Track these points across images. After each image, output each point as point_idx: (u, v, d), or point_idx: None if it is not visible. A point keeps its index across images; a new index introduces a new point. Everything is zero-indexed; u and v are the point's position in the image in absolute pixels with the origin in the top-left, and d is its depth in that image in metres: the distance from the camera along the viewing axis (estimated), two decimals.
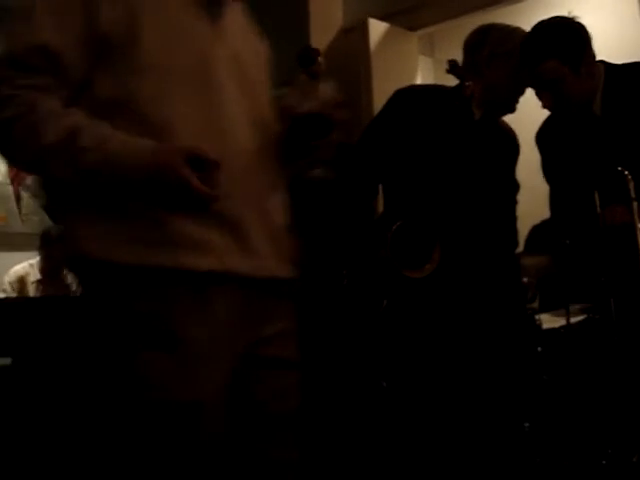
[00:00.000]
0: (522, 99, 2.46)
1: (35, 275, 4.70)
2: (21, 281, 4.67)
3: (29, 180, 5.64)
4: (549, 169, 2.48)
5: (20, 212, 5.58)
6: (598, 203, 2.17)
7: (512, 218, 2.49)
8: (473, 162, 2.30)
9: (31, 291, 4.66)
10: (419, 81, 4.63)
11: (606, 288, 2.15)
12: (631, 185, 2.08)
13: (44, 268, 4.70)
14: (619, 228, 2.09)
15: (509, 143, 2.51)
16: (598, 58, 2.36)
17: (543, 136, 2.49)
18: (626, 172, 2.08)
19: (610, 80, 2.29)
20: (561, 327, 2.79)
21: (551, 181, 2.50)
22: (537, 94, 2.36)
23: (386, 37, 4.48)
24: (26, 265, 4.73)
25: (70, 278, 4.76)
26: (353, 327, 2.61)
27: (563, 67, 2.24)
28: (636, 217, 2.05)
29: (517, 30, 2.40)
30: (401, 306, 2.27)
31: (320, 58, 3.63)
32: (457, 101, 2.26)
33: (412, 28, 4.59)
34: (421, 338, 2.26)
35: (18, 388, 3.13)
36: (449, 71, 2.27)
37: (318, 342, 3.17)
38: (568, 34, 2.26)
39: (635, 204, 2.06)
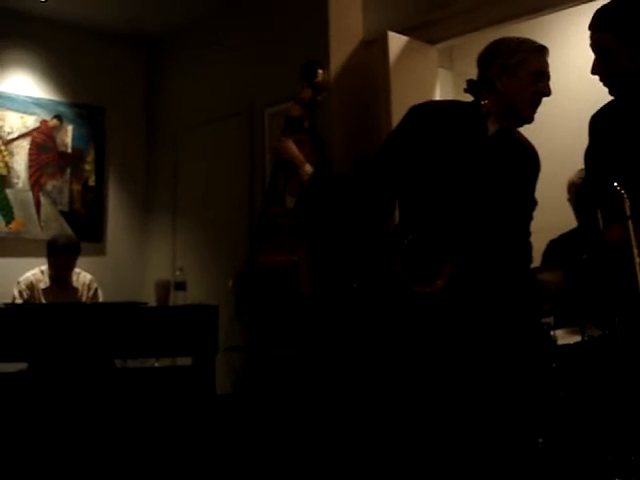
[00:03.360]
0: (541, 117, 2.45)
1: (45, 282, 4.74)
2: (31, 288, 4.70)
3: (49, 187, 5.70)
4: (590, 156, 2.41)
5: (39, 219, 5.63)
6: (601, 221, 2.15)
7: (526, 234, 2.48)
8: (486, 177, 2.29)
9: (41, 298, 4.69)
10: (438, 94, 4.63)
11: (609, 306, 2.13)
12: (627, 203, 2.05)
13: (52, 275, 4.73)
14: (616, 246, 2.06)
15: (528, 159, 2.49)
16: None
17: (596, 120, 2.42)
18: (622, 190, 2.05)
19: None
20: (576, 343, 2.78)
21: (588, 170, 2.42)
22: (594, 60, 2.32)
23: (405, 50, 4.48)
24: (37, 272, 4.77)
25: (79, 285, 4.79)
26: (362, 337, 2.60)
27: (618, 44, 2.20)
28: (632, 235, 2.02)
29: (527, 42, 2.40)
30: (412, 321, 2.26)
31: (321, 71, 3.63)
32: (472, 117, 2.26)
33: (432, 41, 4.59)
34: (434, 352, 2.25)
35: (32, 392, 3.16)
36: (466, 90, 2.27)
37: (329, 348, 3.17)
38: None
39: (630, 223, 2.03)
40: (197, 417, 3.47)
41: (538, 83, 2.38)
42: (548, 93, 2.40)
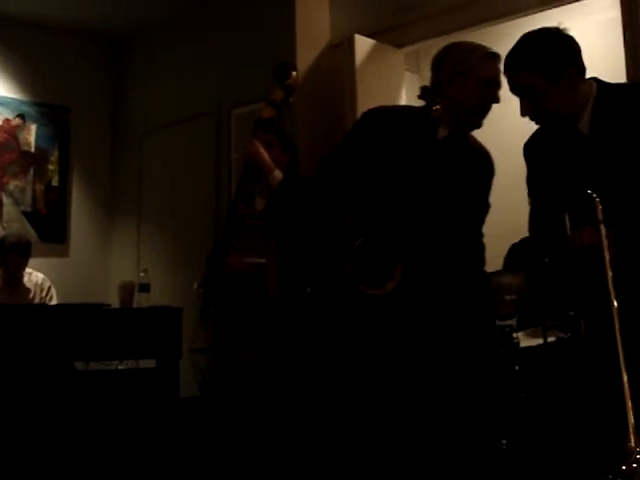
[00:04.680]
0: (503, 119, 2.47)
1: None
2: None
3: (11, 186, 5.62)
4: (532, 182, 2.46)
5: (1, 219, 5.55)
6: (568, 225, 2.16)
7: (478, 236, 2.49)
8: (436, 180, 2.31)
9: None
10: (404, 97, 4.65)
11: (575, 309, 2.16)
12: (599, 208, 2.07)
13: (2, 276, 4.61)
14: (586, 250, 2.08)
15: (480, 162, 2.51)
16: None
17: (530, 148, 2.45)
18: (594, 195, 2.08)
19: (602, 99, 2.26)
20: (538, 346, 2.81)
21: (532, 195, 2.48)
22: (520, 102, 2.35)
23: (372, 53, 4.50)
24: None
25: (32, 286, 4.69)
26: (316, 341, 2.59)
27: (539, 78, 2.21)
28: (603, 240, 2.04)
29: (479, 48, 2.42)
30: (364, 323, 2.25)
31: (294, 72, 3.63)
32: (424, 122, 2.27)
33: (398, 45, 4.62)
34: (389, 356, 2.25)
35: None
36: (420, 96, 2.30)
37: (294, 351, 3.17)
38: (549, 45, 2.23)
39: (602, 227, 2.05)
40: (160, 420, 3.45)
41: (487, 90, 2.40)
42: (497, 100, 2.42)
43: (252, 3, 5.06)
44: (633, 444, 1.70)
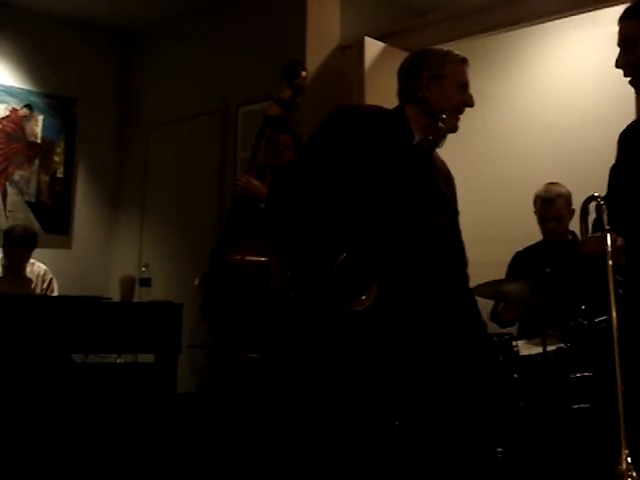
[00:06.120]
0: (512, 129, 2.46)
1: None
2: None
3: (16, 177, 5.63)
4: (614, 172, 2.36)
5: (5, 208, 5.55)
6: (584, 231, 2.13)
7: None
8: (420, 190, 2.27)
9: None
10: None
11: (578, 318, 2.13)
12: (604, 214, 2.04)
13: (6, 265, 4.65)
14: (592, 259, 2.04)
15: (444, 168, 2.50)
16: None
17: (624, 135, 2.40)
18: (602, 202, 2.04)
19: None
20: (538, 354, 2.80)
21: (610, 185, 2.37)
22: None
23: (381, 56, 4.51)
24: None
25: (33, 275, 4.72)
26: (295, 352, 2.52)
27: (637, 28, 2.20)
28: (607, 248, 1.97)
29: (451, 53, 2.41)
30: (353, 337, 2.19)
31: (303, 72, 3.62)
32: (398, 126, 2.26)
33: (408, 49, 4.61)
34: (384, 361, 2.21)
35: None
36: (405, 102, 2.30)
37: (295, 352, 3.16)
38: None
39: (607, 235, 1.99)
40: (157, 415, 3.45)
41: (463, 93, 2.40)
42: (472, 103, 2.42)
43: (263, 2, 5.07)
44: (624, 467, 1.66)
